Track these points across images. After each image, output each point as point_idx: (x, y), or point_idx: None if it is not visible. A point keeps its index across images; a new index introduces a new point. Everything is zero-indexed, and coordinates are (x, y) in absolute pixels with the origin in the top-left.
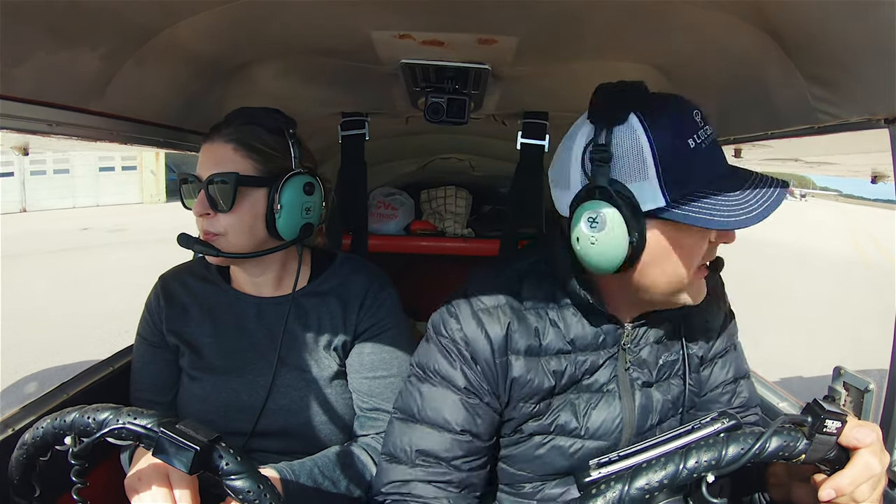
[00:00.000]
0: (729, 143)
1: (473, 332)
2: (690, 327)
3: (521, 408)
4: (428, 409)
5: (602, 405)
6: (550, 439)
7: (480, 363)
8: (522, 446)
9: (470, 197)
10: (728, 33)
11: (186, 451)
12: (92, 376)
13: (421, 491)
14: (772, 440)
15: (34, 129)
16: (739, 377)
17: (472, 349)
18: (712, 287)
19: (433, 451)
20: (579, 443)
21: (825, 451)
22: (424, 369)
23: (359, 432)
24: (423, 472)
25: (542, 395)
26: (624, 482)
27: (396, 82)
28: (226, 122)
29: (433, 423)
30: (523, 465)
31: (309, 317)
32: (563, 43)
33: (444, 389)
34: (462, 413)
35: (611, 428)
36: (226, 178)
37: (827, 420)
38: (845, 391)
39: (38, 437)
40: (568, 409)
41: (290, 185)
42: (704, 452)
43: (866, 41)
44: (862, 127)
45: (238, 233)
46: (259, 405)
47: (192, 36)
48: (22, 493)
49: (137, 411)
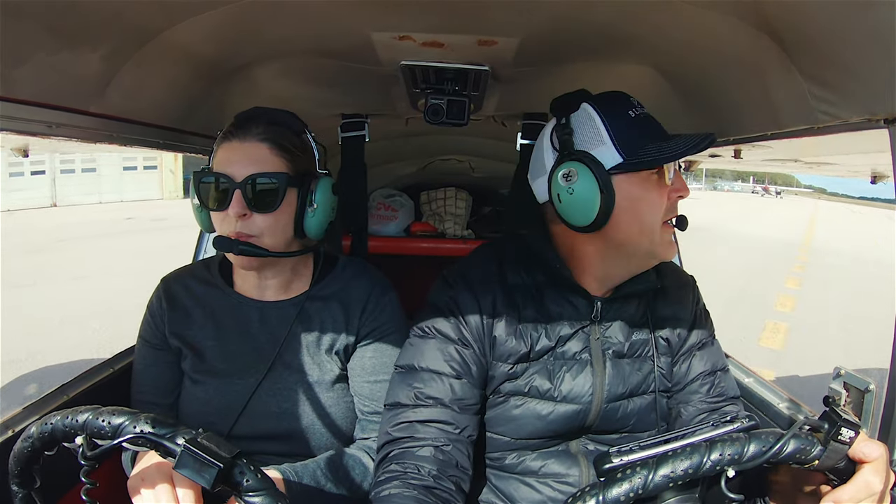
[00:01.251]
0: (728, 144)
1: (466, 298)
2: (659, 314)
3: (499, 367)
4: (427, 360)
5: (574, 371)
6: (525, 401)
7: (470, 323)
8: (500, 408)
9: (470, 198)
10: (727, 34)
11: (210, 468)
12: (93, 377)
13: (423, 433)
14: (790, 442)
15: (34, 131)
16: (717, 369)
17: (464, 312)
18: (682, 282)
19: (433, 394)
20: (551, 405)
21: (837, 459)
22: (423, 329)
23: (360, 435)
24: (425, 413)
25: (519, 358)
26: (649, 469)
27: (396, 84)
28: (251, 122)
29: (432, 370)
30: (501, 428)
31: (311, 321)
32: (563, 44)
33: (440, 342)
34: (457, 359)
35: (582, 392)
36: (274, 178)
37: (843, 428)
38: (845, 391)
39: (45, 433)
40: (543, 374)
41: (322, 185)
42: (728, 446)
43: (866, 41)
44: (862, 127)
45: (274, 233)
46: (261, 409)
47: (193, 37)
48: (21, 483)
49: (155, 419)
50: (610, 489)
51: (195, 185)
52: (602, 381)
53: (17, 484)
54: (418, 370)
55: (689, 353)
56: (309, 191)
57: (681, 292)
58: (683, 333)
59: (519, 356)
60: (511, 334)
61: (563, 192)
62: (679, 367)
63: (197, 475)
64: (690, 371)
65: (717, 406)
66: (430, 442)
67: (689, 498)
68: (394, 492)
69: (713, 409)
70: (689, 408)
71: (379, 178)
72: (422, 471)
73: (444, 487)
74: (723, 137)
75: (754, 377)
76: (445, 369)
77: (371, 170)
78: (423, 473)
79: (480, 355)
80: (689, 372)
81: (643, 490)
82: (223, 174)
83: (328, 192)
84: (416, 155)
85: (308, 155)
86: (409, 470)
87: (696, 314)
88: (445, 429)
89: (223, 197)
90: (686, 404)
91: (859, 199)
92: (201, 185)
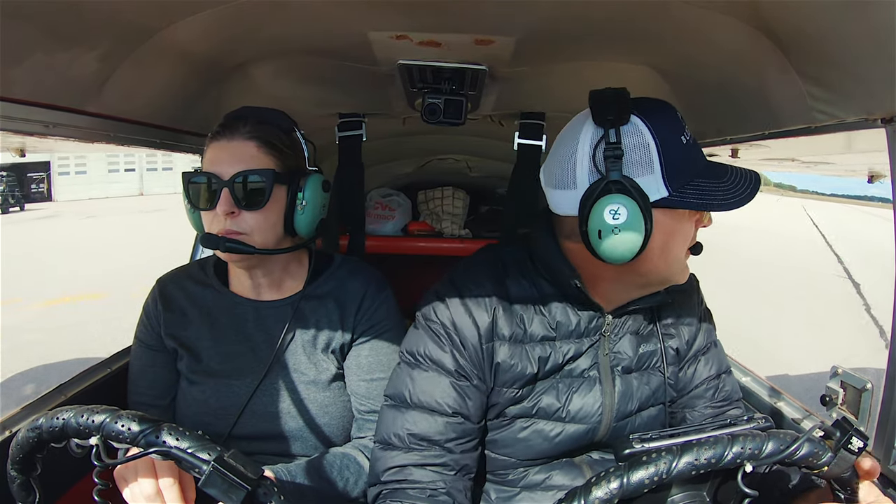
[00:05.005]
0: (726, 144)
1: (462, 318)
2: (666, 322)
3: (504, 393)
4: (419, 394)
5: (583, 390)
6: (532, 423)
7: (468, 347)
8: (506, 430)
9: (467, 198)
10: (725, 33)
11: (238, 490)
12: (90, 378)
13: (417, 476)
14: (804, 445)
15: (31, 131)
16: (721, 372)
17: (461, 334)
18: (686, 285)
19: (427, 434)
20: (560, 426)
21: (844, 468)
22: (415, 355)
23: (357, 434)
24: (418, 457)
25: (525, 381)
26: (674, 455)
27: (393, 83)
28: (240, 121)
29: (425, 407)
30: (507, 450)
31: (307, 320)
32: (560, 44)
33: (434, 373)
34: (453, 395)
35: (591, 412)
36: (261, 175)
37: (853, 437)
38: (842, 390)
39: (55, 427)
40: (550, 394)
41: (312, 182)
42: (749, 441)
43: (864, 41)
44: (859, 127)
45: (263, 231)
46: (259, 409)
47: (190, 37)
48: (21, 469)
49: (178, 430)
50: (635, 472)
51: (184, 186)
52: (612, 399)
53: (16, 469)
54: (410, 406)
55: (695, 359)
56: (298, 188)
57: (685, 296)
58: (690, 339)
59: (526, 380)
60: (516, 357)
61: (608, 229)
62: (685, 372)
63: (224, 496)
64: (696, 376)
65: (722, 409)
66: (427, 485)
67: (697, 495)
68: None
69: (718, 414)
70: (693, 413)
71: (376, 177)
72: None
73: None
74: (720, 137)
75: (752, 376)
76: (440, 408)
77: (368, 169)
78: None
79: (480, 383)
80: (695, 377)
81: (667, 475)
82: (211, 173)
83: (318, 190)
84: (414, 154)
85: (297, 152)
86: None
87: (700, 317)
88: (442, 471)
89: (212, 196)
90: (691, 409)
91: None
92: (191, 185)
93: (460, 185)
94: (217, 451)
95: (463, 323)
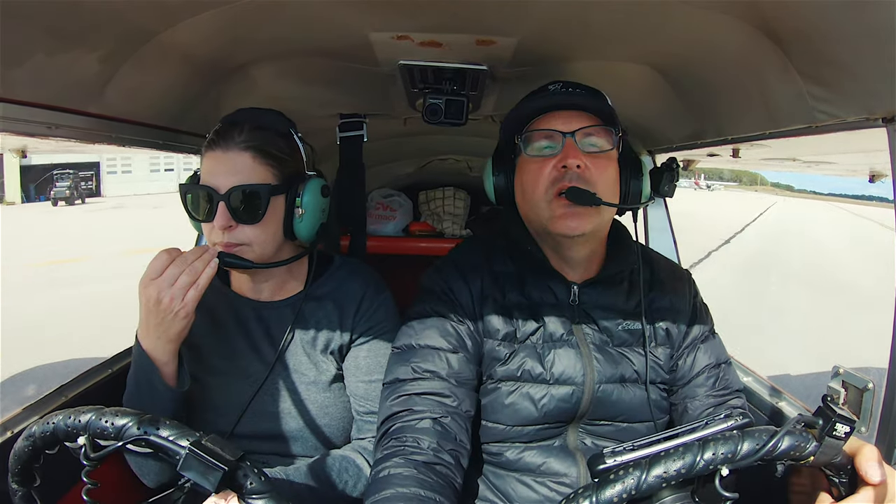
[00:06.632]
0: (726, 143)
1: (458, 284)
2: (655, 305)
3: (489, 344)
4: (425, 337)
5: (563, 353)
6: (518, 386)
7: (462, 303)
8: (494, 394)
9: (468, 198)
10: (726, 33)
11: (215, 471)
12: (91, 379)
13: (422, 405)
14: (784, 439)
15: (33, 132)
16: (721, 362)
17: (456, 294)
18: (678, 275)
19: (431, 368)
20: (544, 388)
21: (832, 454)
22: (419, 311)
23: (356, 436)
24: (423, 385)
25: (506, 335)
26: (642, 470)
27: (394, 83)
28: (235, 128)
29: (430, 346)
30: (496, 416)
31: (307, 321)
32: (561, 44)
33: (437, 320)
34: (453, 334)
35: (574, 374)
36: (257, 189)
37: (837, 423)
38: (844, 390)
39: (47, 433)
40: (533, 357)
41: (310, 188)
42: (721, 445)
43: (864, 40)
44: (860, 126)
45: (262, 241)
46: (260, 409)
47: (191, 38)
48: (21, 481)
49: (159, 420)
50: (603, 490)
51: (182, 196)
52: (591, 363)
53: (16, 482)
54: (416, 348)
55: (693, 347)
56: (297, 195)
57: (676, 284)
58: (683, 325)
59: (506, 333)
60: (498, 313)
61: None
62: (684, 361)
63: (202, 477)
64: (696, 364)
65: (724, 399)
66: (429, 414)
67: (685, 497)
68: (394, 471)
69: (719, 403)
70: (695, 402)
71: (377, 177)
72: (421, 444)
73: (444, 461)
74: (721, 136)
75: (753, 376)
76: (443, 344)
77: (369, 170)
78: (422, 447)
79: (474, 331)
80: (695, 365)
81: (636, 490)
82: (207, 186)
83: (317, 195)
84: (415, 155)
85: (295, 157)
86: (408, 445)
87: (695, 306)
88: (443, 401)
89: (209, 208)
90: (692, 398)
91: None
92: (188, 195)
93: (461, 185)
94: (196, 436)
95: (458, 287)
